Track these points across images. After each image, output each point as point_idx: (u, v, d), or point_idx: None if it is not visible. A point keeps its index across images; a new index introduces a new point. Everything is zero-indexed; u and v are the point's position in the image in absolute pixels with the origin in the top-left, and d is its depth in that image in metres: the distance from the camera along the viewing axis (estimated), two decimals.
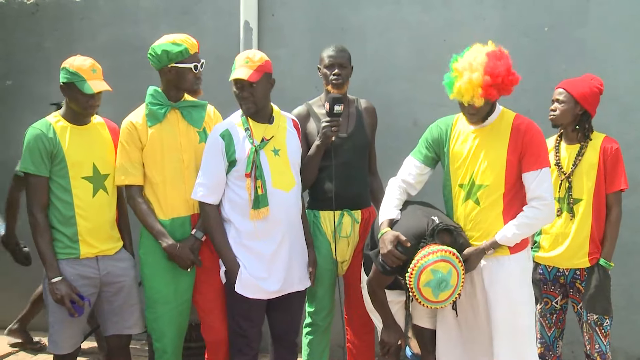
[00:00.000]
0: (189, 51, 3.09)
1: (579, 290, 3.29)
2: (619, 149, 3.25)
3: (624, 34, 3.99)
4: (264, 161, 3.01)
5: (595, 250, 3.24)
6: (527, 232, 2.92)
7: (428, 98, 4.11)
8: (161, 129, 3.13)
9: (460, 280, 2.76)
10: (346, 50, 3.46)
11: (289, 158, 3.09)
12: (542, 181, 2.87)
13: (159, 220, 3.13)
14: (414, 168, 3.08)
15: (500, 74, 2.80)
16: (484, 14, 4.14)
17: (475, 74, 2.79)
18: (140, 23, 4.57)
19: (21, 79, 4.76)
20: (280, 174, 3.04)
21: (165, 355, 3.21)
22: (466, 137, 2.98)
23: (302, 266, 3.17)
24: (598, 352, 3.25)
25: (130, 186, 3.15)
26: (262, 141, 3.02)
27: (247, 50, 3.17)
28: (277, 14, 4.40)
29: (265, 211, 2.97)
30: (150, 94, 3.16)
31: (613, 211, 3.25)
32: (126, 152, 3.12)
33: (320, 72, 3.45)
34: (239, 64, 3.03)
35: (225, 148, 3.00)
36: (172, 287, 3.17)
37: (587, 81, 3.32)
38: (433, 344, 3.14)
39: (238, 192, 3.02)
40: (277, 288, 3.05)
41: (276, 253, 3.04)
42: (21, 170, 3.03)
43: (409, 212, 2.99)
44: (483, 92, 2.80)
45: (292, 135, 3.16)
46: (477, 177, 2.91)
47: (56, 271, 3.01)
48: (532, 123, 2.95)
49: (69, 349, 3.14)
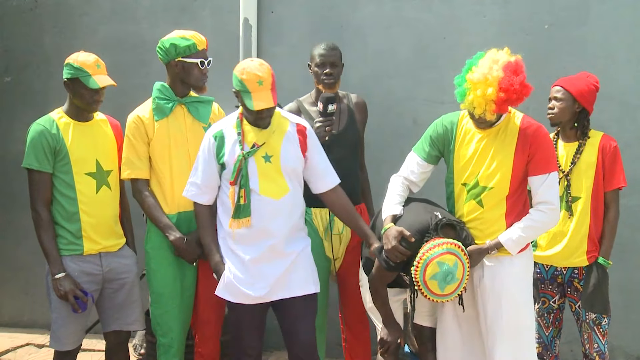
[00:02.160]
0: (197, 47, 3.11)
1: (577, 289, 3.29)
2: (617, 147, 3.25)
3: (625, 33, 3.99)
4: (252, 168, 2.88)
5: (593, 249, 3.23)
6: (532, 235, 2.92)
7: (428, 96, 4.11)
8: (168, 123, 3.15)
9: (466, 273, 2.75)
10: (337, 48, 3.43)
11: (281, 164, 2.92)
12: (549, 186, 2.85)
13: (166, 215, 3.14)
14: (417, 166, 3.06)
15: (515, 90, 2.72)
16: (484, 11, 4.14)
17: (489, 89, 2.71)
18: (139, 20, 4.56)
19: (20, 75, 4.75)
20: (269, 181, 2.89)
21: (172, 350, 3.21)
22: (472, 137, 2.94)
23: (305, 271, 3.01)
24: (597, 352, 3.25)
25: (137, 180, 3.16)
26: (252, 147, 2.90)
27: (247, 61, 2.91)
28: (276, 11, 4.39)
29: (246, 222, 2.86)
30: (157, 88, 3.18)
31: (611, 209, 3.24)
32: (132, 146, 3.14)
33: (311, 70, 3.43)
34: (253, 88, 2.82)
35: (216, 150, 2.93)
36: (179, 282, 3.19)
37: (583, 79, 3.32)
38: (432, 342, 3.14)
39: (228, 195, 2.94)
40: (262, 294, 2.90)
41: (260, 260, 2.90)
42: (24, 167, 3.03)
43: (412, 208, 2.99)
44: (496, 108, 2.74)
45: (290, 140, 2.97)
46: (483, 180, 2.89)
47: (60, 267, 3.01)
48: (540, 127, 2.90)
49: (71, 345, 3.14)
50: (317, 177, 3.05)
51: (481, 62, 2.79)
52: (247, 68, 2.85)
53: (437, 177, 3.20)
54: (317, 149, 3.05)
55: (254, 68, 2.85)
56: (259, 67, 2.86)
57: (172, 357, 3.22)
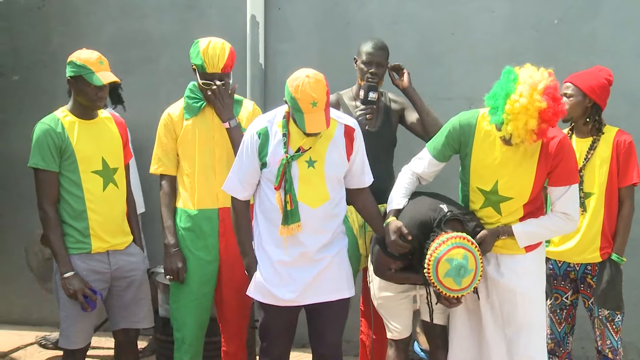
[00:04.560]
0: (205, 68, 3.09)
1: (590, 285, 3.26)
2: (632, 142, 3.22)
3: (635, 28, 3.96)
4: (294, 172, 2.76)
5: (606, 245, 3.20)
6: (544, 234, 2.90)
7: (435, 92, 4.08)
8: (196, 122, 3.19)
9: (479, 262, 2.71)
10: (386, 48, 3.43)
11: (325, 170, 2.79)
12: (570, 198, 2.83)
13: (187, 211, 3.19)
14: (428, 163, 3.00)
15: (557, 120, 2.64)
16: (492, 7, 4.11)
17: (532, 121, 2.57)
18: (146, 18, 4.56)
19: (27, 74, 4.76)
20: (309, 187, 2.78)
21: (184, 346, 3.23)
22: (493, 142, 2.83)
23: (339, 275, 2.91)
24: (609, 348, 3.23)
25: (163, 176, 3.24)
26: (297, 151, 2.77)
27: (302, 76, 2.68)
28: (283, 8, 4.38)
29: (297, 227, 2.75)
30: (189, 88, 3.24)
31: (625, 205, 3.21)
32: (161, 143, 3.22)
33: (357, 64, 3.44)
34: (307, 109, 2.65)
35: (259, 148, 2.80)
36: (196, 278, 3.20)
37: (595, 73, 3.28)
38: (442, 339, 3.12)
39: (268, 195, 2.82)
40: (292, 297, 2.83)
41: (291, 264, 2.82)
42: (31, 166, 3.03)
43: (417, 201, 2.97)
44: (537, 137, 2.64)
45: (336, 145, 2.82)
46: (503, 190, 2.83)
47: (69, 266, 3.00)
48: (565, 138, 2.83)
49: (80, 344, 3.13)
50: (353, 176, 2.96)
51: (519, 88, 2.59)
52: (301, 86, 2.66)
53: (448, 173, 3.17)
54: (361, 151, 2.93)
55: (309, 88, 2.65)
56: (315, 86, 2.66)
57: (184, 352, 3.24)
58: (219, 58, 3.07)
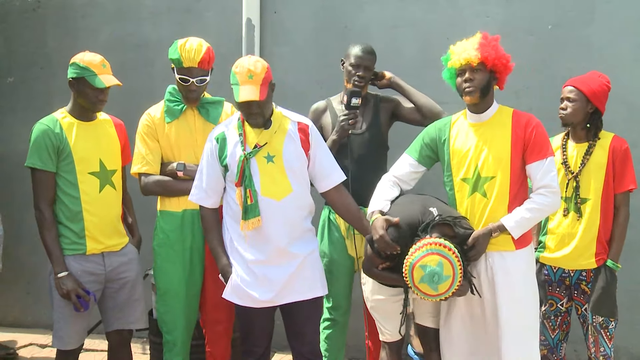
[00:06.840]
0: (182, 62, 3.09)
1: (584, 291, 3.25)
2: (628, 148, 3.22)
3: (630, 33, 3.97)
4: (254, 169, 2.87)
5: (602, 251, 3.20)
6: (534, 217, 2.88)
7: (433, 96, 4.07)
8: (178, 125, 3.19)
9: (457, 268, 2.69)
10: (374, 52, 3.47)
11: (284, 164, 2.89)
12: (548, 170, 2.86)
13: (172, 212, 3.19)
14: (408, 166, 3.07)
15: (494, 38, 2.91)
16: (487, 12, 4.12)
17: (469, 38, 2.95)
18: (143, 21, 4.56)
19: (23, 76, 4.75)
20: (272, 181, 2.87)
21: (175, 349, 3.23)
22: (467, 132, 2.97)
23: (313, 273, 2.99)
24: (603, 355, 3.21)
25: (147, 175, 3.20)
26: (254, 148, 2.88)
27: (245, 57, 2.90)
28: (279, 12, 4.38)
29: (256, 222, 2.84)
30: (169, 91, 3.23)
31: (621, 211, 3.20)
32: (144, 142, 3.19)
33: (344, 67, 3.46)
34: (243, 80, 2.81)
35: (218, 152, 2.92)
36: (184, 280, 3.19)
37: (595, 78, 3.27)
38: (436, 342, 3.12)
39: (233, 197, 2.92)
40: (268, 297, 2.90)
41: (266, 262, 2.89)
42: (28, 166, 3.03)
43: (405, 200, 2.98)
44: (479, 46, 2.86)
45: (292, 139, 2.94)
46: (483, 170, 2.90)
47: (62, 266, 3.00)
48: (532, 116, 2.95)
49: (74, 345, 3.13)
50: (322, 176, 3.03)
51: None
52: (241, 62, 2.86)
53: (439, 178, 3.18)
54: (320, 147, 3.02)
55: (248, 63, 2.84)
56: (254, 62, 2.85)
57: (176, 355, 3.23)
58: (195, 52, 3.08)
